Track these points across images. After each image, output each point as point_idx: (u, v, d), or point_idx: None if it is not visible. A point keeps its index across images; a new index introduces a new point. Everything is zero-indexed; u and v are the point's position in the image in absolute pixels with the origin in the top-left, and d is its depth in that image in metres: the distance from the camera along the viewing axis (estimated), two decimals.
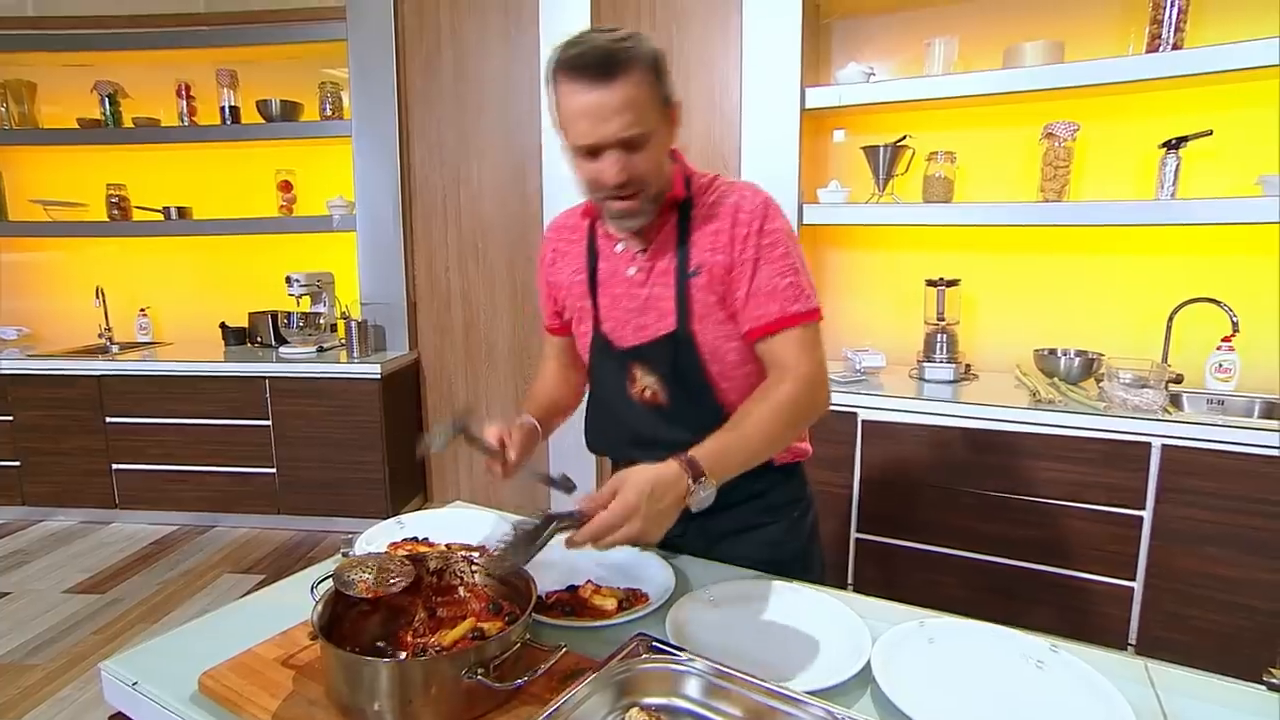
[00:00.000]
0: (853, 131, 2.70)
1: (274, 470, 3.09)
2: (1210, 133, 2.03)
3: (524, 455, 1.08)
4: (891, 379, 2.43)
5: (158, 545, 3.04)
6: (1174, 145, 2.07)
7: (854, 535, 2.30)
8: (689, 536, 1.13)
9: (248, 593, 1.21)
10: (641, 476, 0.81)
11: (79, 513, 3.27)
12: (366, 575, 0.82)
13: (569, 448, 1.96)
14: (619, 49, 0.88)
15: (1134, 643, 1.99)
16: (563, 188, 3.00)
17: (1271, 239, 2.15)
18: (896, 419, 2.20)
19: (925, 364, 2.41)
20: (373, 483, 3.07)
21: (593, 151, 0.92)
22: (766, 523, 1.14)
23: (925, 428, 2.16)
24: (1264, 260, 2.17)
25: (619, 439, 1.16)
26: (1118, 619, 2.00)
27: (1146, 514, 1.93)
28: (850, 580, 2.34)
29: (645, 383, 1.08)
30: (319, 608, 0.75)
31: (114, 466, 3.17)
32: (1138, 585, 1.96)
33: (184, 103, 3.29)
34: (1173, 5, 1.97)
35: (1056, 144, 2.25)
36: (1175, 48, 1.98)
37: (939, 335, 2.42)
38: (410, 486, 3.36)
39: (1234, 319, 2.04)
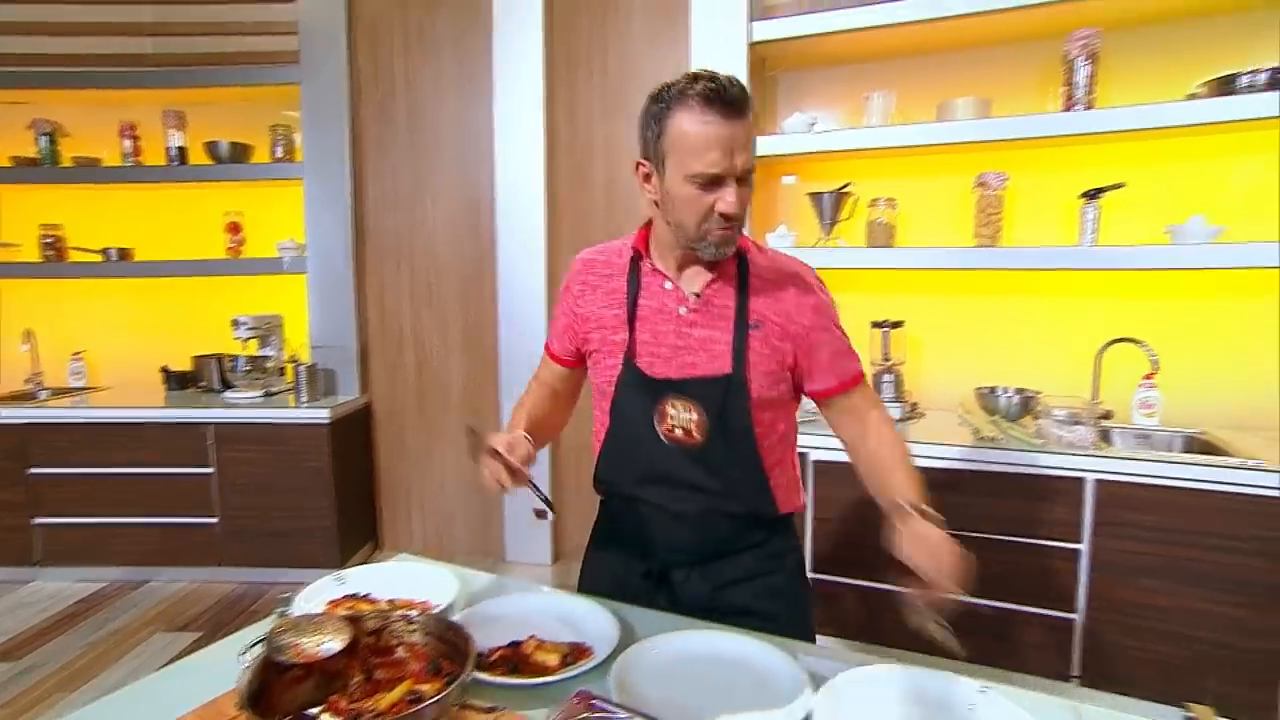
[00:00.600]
0: (800, 177, 2.82)
1: (216, 520, 2.97)
2: (1123, 185, 2.18)
3: (526, 465, 1.07)
4: None
5: (83, 604, 2.87)
6: (1092, 195, 2.22)
7: (808, 576, 2.32)
8: (692, 582, 1.15)
9: (182, 653, 1.16)
10: (932, 534, 0.93)
11: None
12: (300, 639, 0.80)
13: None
14: (744, 91, 0.96)
15: (1078, 674, 2.05)
16: (515, 229, 3.04)
17: (1182, 284, 2.30)
18: (846, 459, 2.24)
19: None
20: (322, 531, 2.98)
21: (715, 181, 0.97)
22: (768, 571, 1.17)
23: None
24: (1178, 303, 2.33)
25: (633, 474, 1.16)
26: (1061, 651, 2.05)
27: (1084, 547, 2.01)
28: None
29: (678, 420, 1.09)
30: (247, 676, 0.73)
31: (36, 521, 3.00)
32: (1079, 617, 2.03)
33: (128, 143, 3.24)
34: (1082, 70, 2.13)
35: (988, 192, 2.39)
36: (1087, 107, 2.14)
37: (885, 375, 2.50)
38: (361, 535, 3.27)
39: (1153, 358, 2.17)
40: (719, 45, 2.53)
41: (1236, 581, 1.87)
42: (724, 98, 0.94)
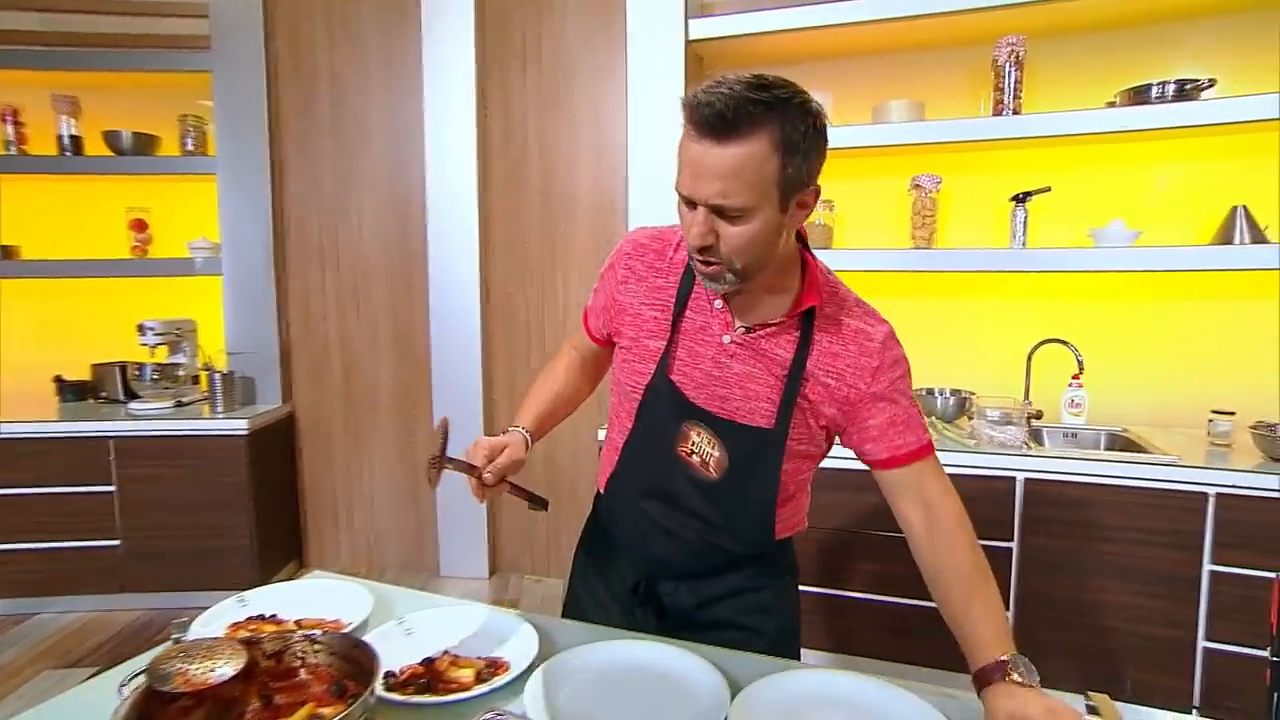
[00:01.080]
0: None
1: (118, 542, 2.82)
2: (1049, 189, 2.31)
3: (507, 472, 1.01)
4: None
5: None
6: (1021, 199, 2.33)
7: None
8: (680, 594, 1.15)
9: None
10: (1034, 710, 0.79)
11: None
12: (187, 666, 0.77)
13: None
14: (745, 111, 0.81)
15: None
16: (447, 229, 3.00)
17: (1104, 285, 2.45)
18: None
19: None
20: (239, 550, 2.86)
21: (690, 203, 0.89)
22: (758, 587, 1.15)
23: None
24: (1102, 304, 2.47)
25: (639, 484, 1.11)
26: None
27: (1014, 546, 2.11)
28: None
29: (698, 449, 1.04)
30: (123, 710, 0.71)
31: None
32: (1010, 616, 2.13)
33: (10, 128, 3.05)
34: (1010, 75, 2.25)
35: (923, 194, 2.49)
36: (1015, 112, 2.26)
37: None
38: (283, 553, 3.17)
39: (1079, 358, 2.30)
40: (655, 43, 2.56)
41: (1154, 574, 2.00)
42: (702, 115, 0.82)
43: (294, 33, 3.05)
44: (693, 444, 1.04)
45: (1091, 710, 0.91)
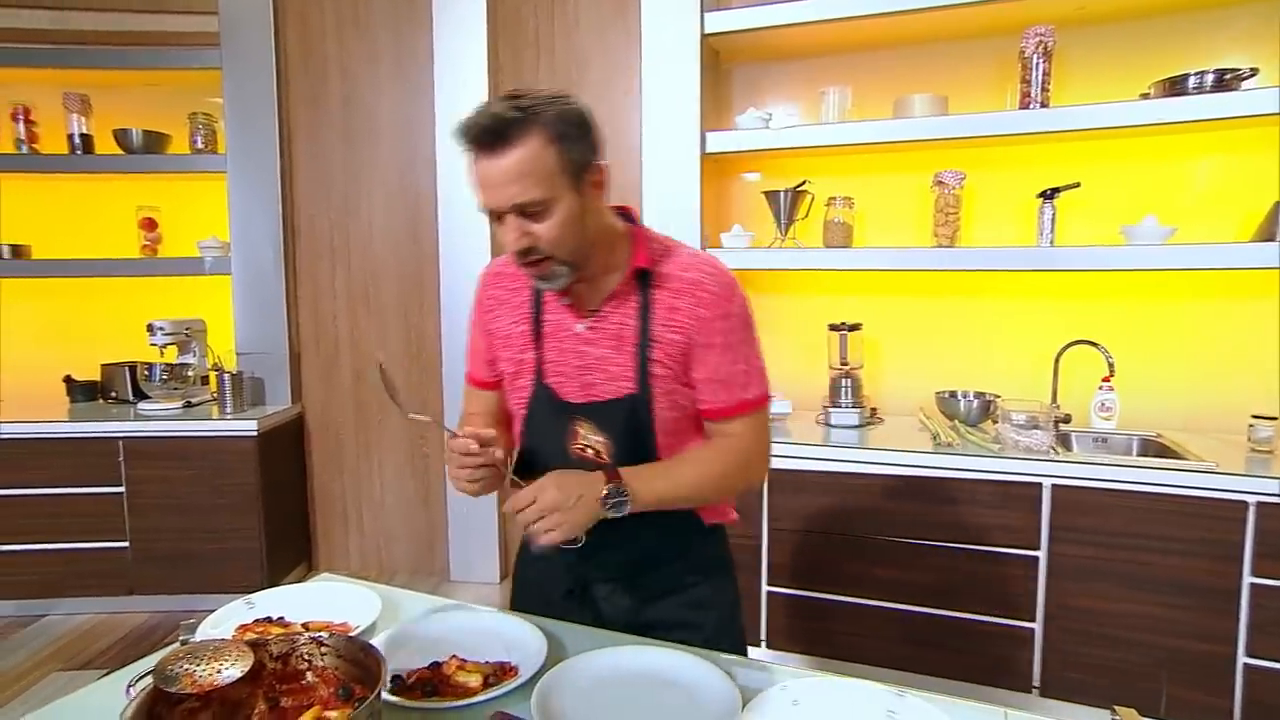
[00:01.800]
0: (757, 174, 2.87)
1: (126, 544, 2.88)
2: (1078, 185, 2.29)
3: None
4: (798, 425, 2.55)
5: None
6: (1048, 195, 2.31)
7: (765, 589, 2.36)
8: (616, 597, 1.17)
9: None
10: (563, 471, 0.99)
11: None
12: (194, 667, 0.79)
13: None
14: (511, 118, 0.91)
15: (1038, 685, 2.12)
16: (459, 228, 3.03)
17: (1137, 285, 2.42)
18: (803, 466, 2.30)
19: (831, 409, 2.54)
20: (248, 553, 2.91)
21: (497, 215, 0.97)
22: (694, 583, 1.19)
23: (832, 475, 2.27)
24: (1134, 304, 2.44)
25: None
26: (1022, 661, 2.13)
27: (1042, 554, 2.09)
28: (763, 635, 2.39)
29: (589, 440, 1.09)
30: (129, 711, 0.72)
31: None
32: (1038, 627, 2.11)
33: (21, 128, 3.12)
34: (1038, 67, 2.23)
35: (946, 191, 2.47)
36: (1043, 105, 2.24)
37: (844, 380, 2.56)
38: (292, 556, 3.21)
39: (1110, 360, 2.28)
40: (670, 37, 2.57)
41: (1189, 586, 1.97)
42: (474, 133, 0.92)
43: (304, 27, 3.09)
44: (582, 439, 1.10)
45: None
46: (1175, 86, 2.14)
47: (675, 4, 2.54)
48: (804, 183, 2.59)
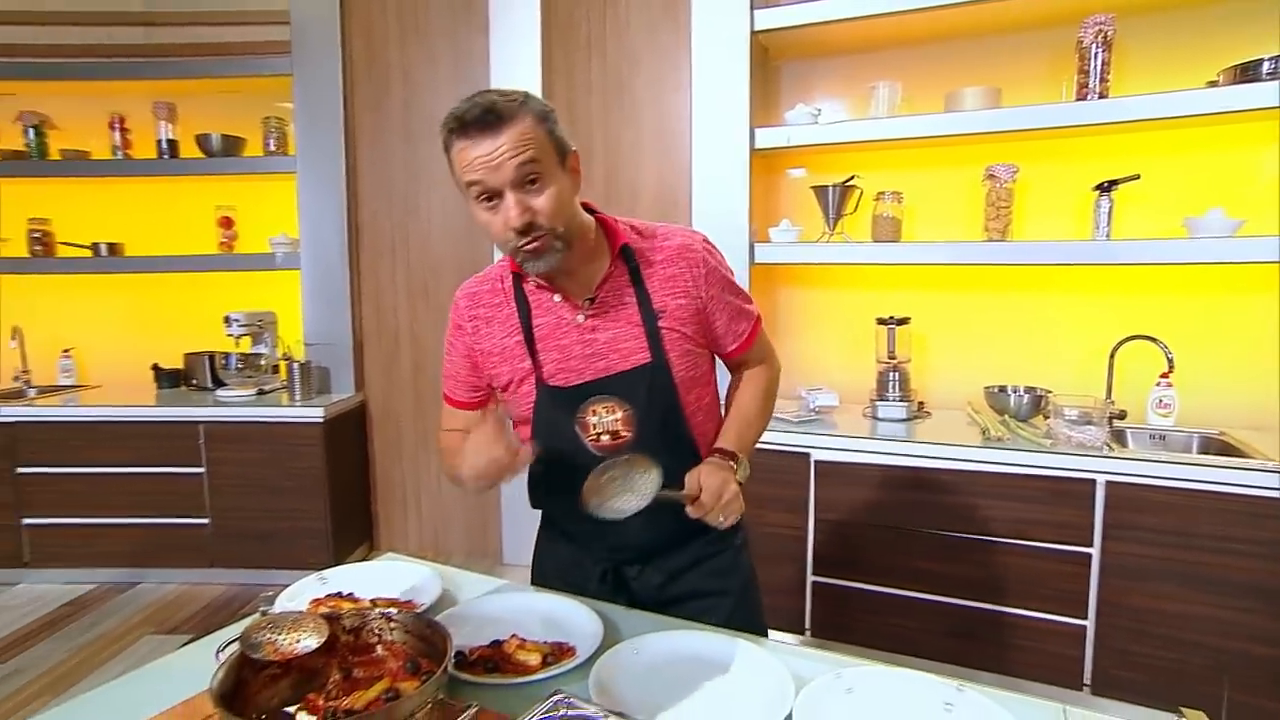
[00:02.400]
0: (804, 170, 2.82)
1: (207, 520, 3.01)
2: (1138, 177, 2.18)
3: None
4: (845, 418, 2.50)
5: (72, 606, 2.92)
6: (1105, 188, 2.21)
7: (810, 579, 2.33)
8: (645, 576, 1.20)
9: None
10: (714, 469, 1.05)
11: None
12: (275, 636, 0.82)
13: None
14: (504, 103, 0.96)
15: (1089, 682, 2.05)
16: None
17: (1200, 279, 2.29)
18: (850, 459, 2.26)
19: (878, 403, 2.49)
20: (315, 533, 3.01)
21: (492, 197, 0.98)
22: (714, 553, 1.22)
23: (878, 468, 2.22)
24: (1195, 298, 2.32)
25: (573, 494, 1.01)
26: (1072, 658, 2.05)
27: (1095, 551, 2.01)
28: (808, 625, 2.36)
29: (602, 425, 1.09)
30: (220, 674, 0.75)
31: (24, 521, 3.05)
32: (1089, 624, 2.03)
33: (117, 135, 3.28)
34: (1097, 56, 2.13)
35: (998, 185, 2.39)
36: (1101, 96, 2.14)
37: (891, 373, 2.50)
38: (356, 536, 3.30)
39: (1169, 356, 2.17)
40: (720, 35, 2.54)
41: (1253, 587, 1.87)
42: (471, 117, 0.95)
43: (368, 35, 3.16)
44: (594, 426, 1.10)
45: None
46: (1246, 73, 2.01)
47: (725, 2, 2.51)
48: (852, 178, 2.53)
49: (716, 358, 1.23)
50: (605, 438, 1.09)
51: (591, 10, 2.97)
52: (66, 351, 3.50)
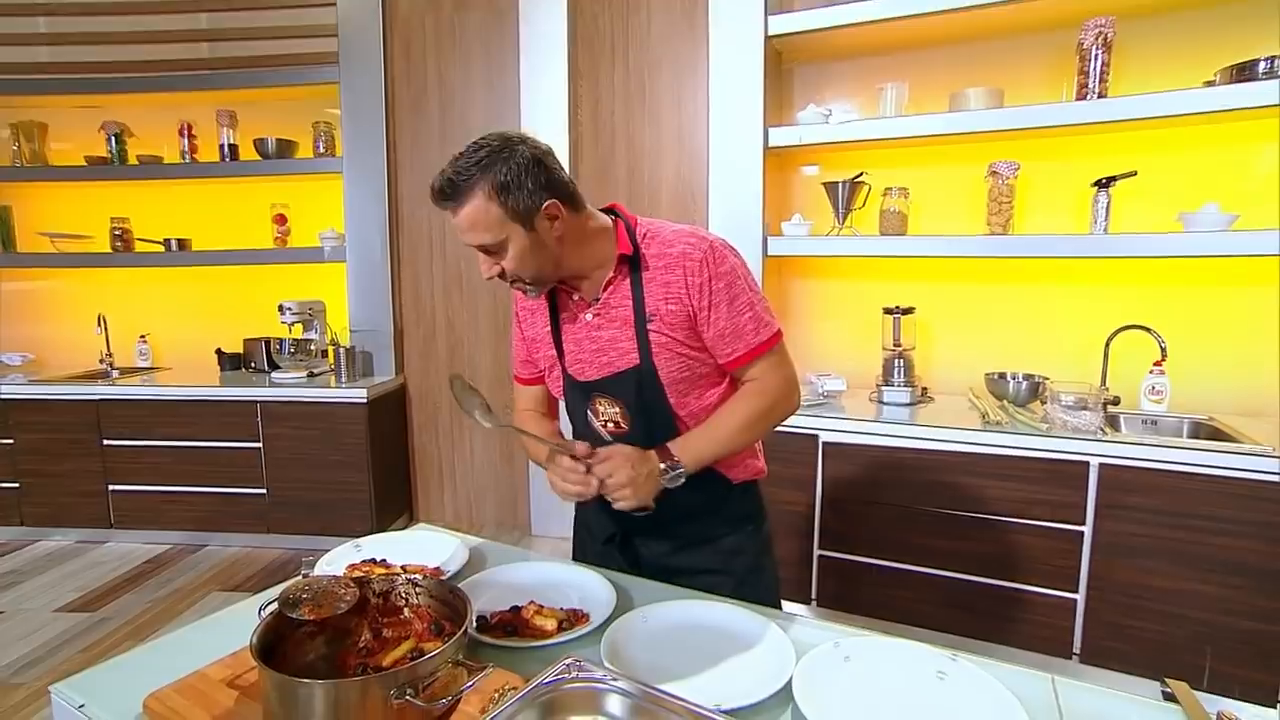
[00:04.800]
0: (816, 167, 2.76)
1: (264, 491, 3.07)
2: (1135, 173, 2.09)
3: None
4: (852, 402, 2.45)
5: (150, 564, 3.00)
6: (1104, 184, 2.12)
7: (816, 552, 2.30)
8: (653, 544, 1.20)
9: None
10: (628, 457, 1.00)
11: (75, 532, 3.22)
12: (310, 597, 0.82)
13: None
14: (457, 181, 0.96)
15: (1078, 652, 1.99)
16: None
17: (1193, 271, 2.20)
18: (856, 441, 2.21)
19: (884, 388, 2.44)
20: (358, 503, 3.04)
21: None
22: (724, 534, 1.19)
23: (883, 449, 2.18)
24: (1188, 290, 2.23)
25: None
26: (1062, 629, 2.00)
27: (1087, 529, 1.95)
28: (814, 595, 2.33)
29: (608, 414, 1.12)
30: (259, 630, 0.75)
31: (110, 487, 3.13)
32: (1080, 597, 1.97)
33: (186, 141, 3.32)
34: (1096, 58, 2.03)
35: (1000, 181, 2.31)
36: (1101, 95, 2.05)
37: (896, 360, 2.44)
38: (396, 508, 3.34)
39: (1162, 344, 2.09)
40: (736, 40, 2.48)
41: (1237, 564, 1.80)
42: (434, 193, 0.99)
43: (408, 45, 3.14)
44: (602, 415, 1.13)
45: (1169, 697, 0.82)
46: (1243, 73, 1.91)
47: (741, 9, 2.45)
48: (861, 174, 2.47)
49: None
50: (610, 425, 1.13)
51: (615, 20, 2.92)
52: (143, 337, 3.57)
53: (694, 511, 1.16)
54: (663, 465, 1.02)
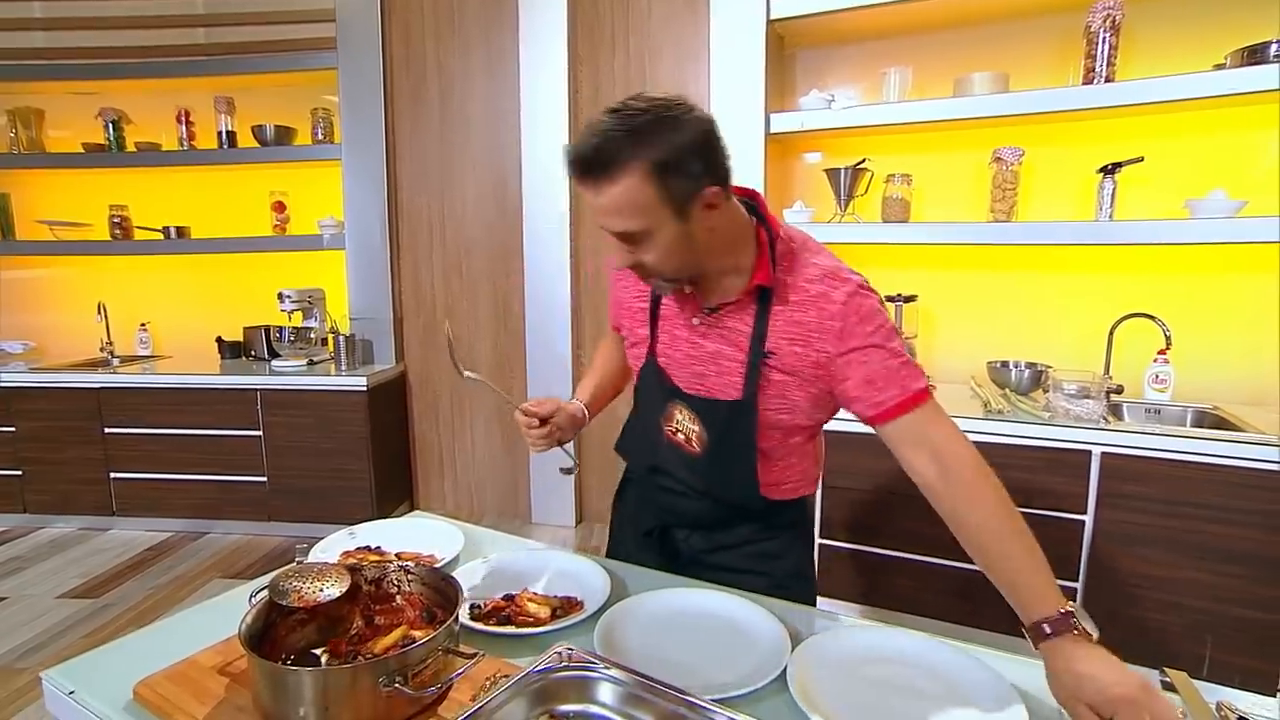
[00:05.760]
0: (818, 154, 2.72)
1: (265, 479, 3.07)
2: (1142, 159, 2.05)
3: (564, 433, 1.11)
4: None
5: (152, 551, 3.01)
6: (1110, 170, 2.09)
7: (818, 541, 2.30)
8: (694, 540, 1.15)
9: None
10: (1123, 679, 0.72)
11: (77, 519, 3.23)
12: (302, 584, 0.81)
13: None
14: (605, 152, 0.80)
15: None
16: (541, 208, 3.02)
17: (1199, 258, 2.17)
18: (857, 429, 2.17)
19: None
20: (359, 491, 3.05)
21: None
22: (766, 538, 1.13)
23: None
24: (1194, 278, 2.20)
25: (641, 457, 1.17)
26: None
27: (1088, 518, 1.94)
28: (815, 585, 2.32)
29: (681, 426, 1.05)
30: (249, 617, 0.75)
31: (112, 475, 3.14)
32: (1079, 586, 1.96)
33: (183, 128, 3.29)
34: (1104, 41, 1.99)
35: (1004, 168, 2.27)
36: (1108, 80, 2.01)
37: None
38: (397, 495, 3.34)
39: (1167, 333, 2.06)
40: (737, 24, 2.44)
41: (1238, 553, 1.79)
42: (571, 162, 0.83)
43: (406, 31, 3.11)
44: (677, 422, 1.05)
45: (1167, 686, 0.81)
46: (1254, 55, 1.87)
47: None
48: (864, 161, 2.44)
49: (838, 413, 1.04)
50: (680, 436, 1.06)
51: (615, 5, 2.88)
52: (143, 325, 3.57)
53: (737, 520, 1.11)
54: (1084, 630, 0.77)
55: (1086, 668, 0.73)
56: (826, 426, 2.16)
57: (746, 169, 2.50)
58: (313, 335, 3.22)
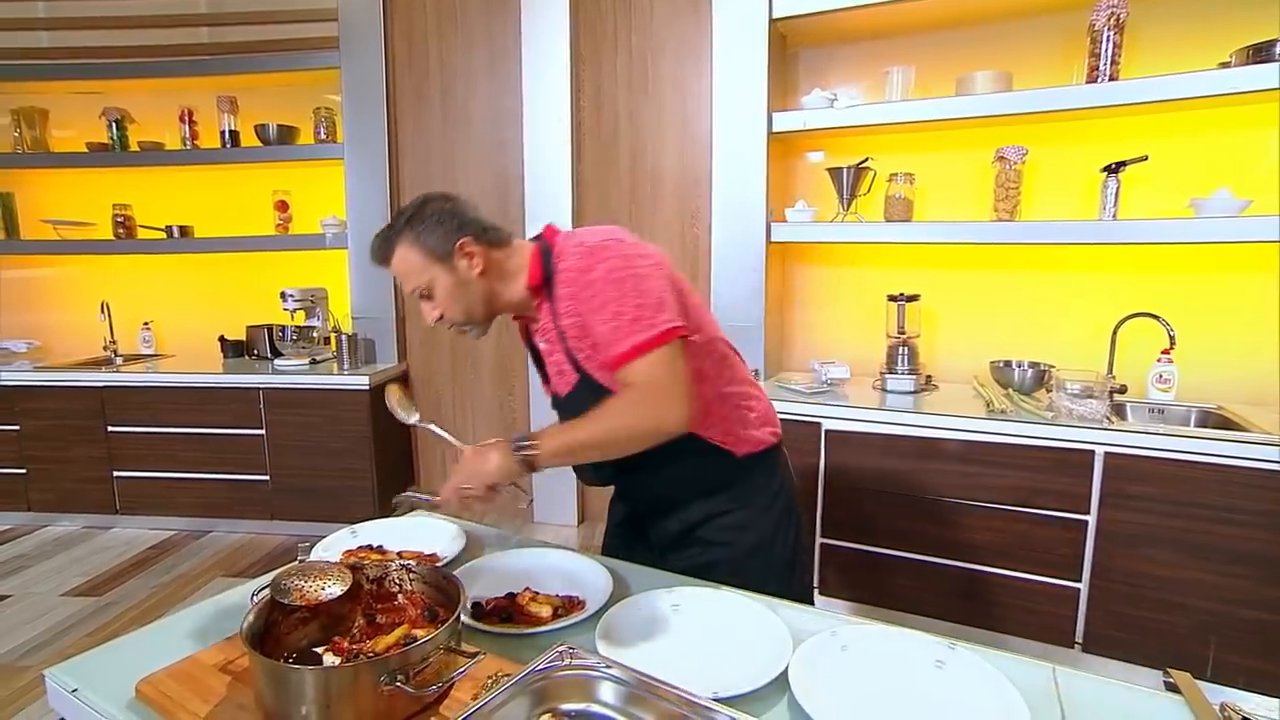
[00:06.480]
0: (821, 153, 2.72)
1: (267, 477, 3.07)
2: (1146, 158, 2.05)
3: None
4: (855, 390, 2.43)
5: (155, 549, 3.02)
6: (1114, 169, 2.08)
7: (819, 540, 2.29)
8: (661, 523, 1.21)
9: None
10: (484, 453, 1.02)
11: (81, 518, 3.24)
12: (303, 583, 0.81)
13: None
14: (382, 242, 1.10)
15: (1080, 641, 1.98)
16: (544, 208, 3.02)
17: (1204, 258, 2.16)
18: (859, 429, 2.19)
19: (887, 375, 2.41)
20: (361, 490, 3.05)
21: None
22: (733, 509, 1.19)
23: (886, 437, 2.16)
24: (1198, 277, 2.19)
25: (595, 472, 1.24)
26: (1065, 618, 1.99)
27: (1091, 518, 1.93)
28: (816, 583, 2.32)
29: None
30: (250, 615, 0.75)
31: (115, 473, 3.15)
32: (1083, 586, 1.96)
33: (186, 127, 3.30)
34: (1108, 40, 1.99)
35: (1007, 167, 2.27)
36: (1112, 79, 2.00)
37: (900, 348, 2.42)
38: (399, 493, 3.34)
39: (1171, 333, 2.05)
40: (740, 23, 2.44)
41: (1242, 554, 1.78)
42: (373, 256, 1.11)
43: (409, 30, 3.11)
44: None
45: (1171, 687, 0.81)
46: (1259, 54, 1.87)
47: None
48: (866, 160, 2.43)
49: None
50: None
51: (618, 3, 2.88)
52: (146, 324, 3.57)
53: (696, 488, 1.18)
54: (513, 437, 1.00)
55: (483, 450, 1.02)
56: (827, 426, 2.15)
57: (749, 168, 2.50)
58: (315, 334, 3.23)
